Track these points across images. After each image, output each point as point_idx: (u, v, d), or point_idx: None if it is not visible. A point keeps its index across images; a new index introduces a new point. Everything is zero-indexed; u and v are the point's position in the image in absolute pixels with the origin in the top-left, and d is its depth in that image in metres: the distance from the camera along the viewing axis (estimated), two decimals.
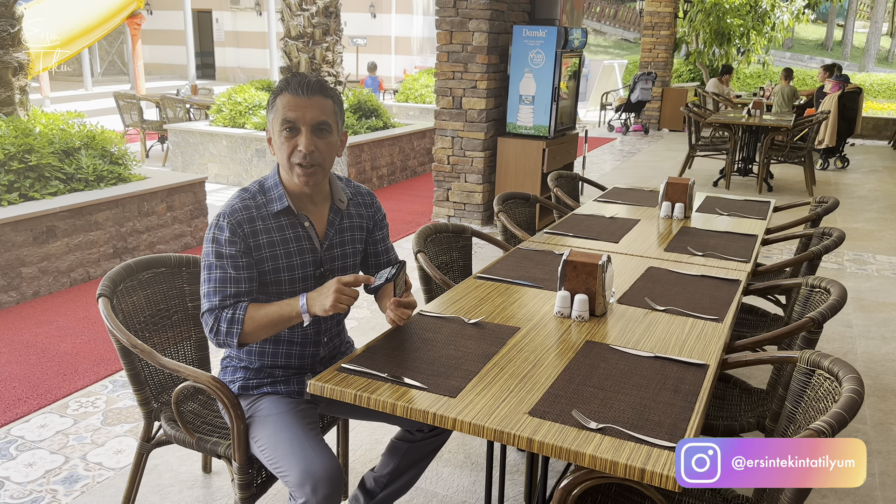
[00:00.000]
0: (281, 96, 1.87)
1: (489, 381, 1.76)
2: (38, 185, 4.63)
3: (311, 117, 1.85)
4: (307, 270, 1.95)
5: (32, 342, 3.79)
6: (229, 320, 1.84)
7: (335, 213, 2.02)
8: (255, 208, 1.91)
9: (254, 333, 1.86)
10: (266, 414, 1.94)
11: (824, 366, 1.74)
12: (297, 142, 1.85)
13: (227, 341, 1.86)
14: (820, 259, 2.94)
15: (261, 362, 2.01)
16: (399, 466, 2.17)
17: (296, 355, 2.02)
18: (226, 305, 1.86)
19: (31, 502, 2.52)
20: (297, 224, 1.95)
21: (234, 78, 22.91)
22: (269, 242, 1.90)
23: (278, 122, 1.86)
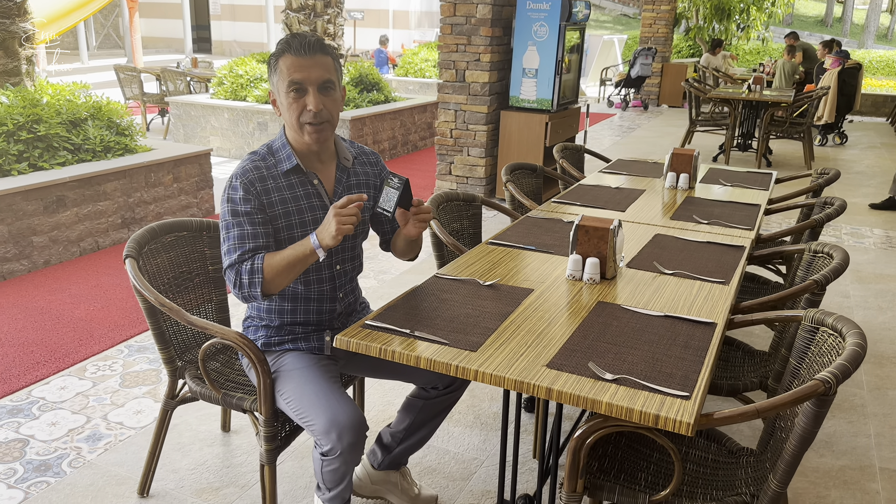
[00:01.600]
0: (283, 58, 1.91)
1: (507, 337, 1.84)
2: (47, 156, 4.67)
3: (316, 76, 1.90)
4: (318, 225, 1.99)
5: (47, 309, 3.86)
6: (250, 271, 1.90)
7: (342, 171, 2.09)
8: (266, 168, 1.97)
9: (275, 280, 1.90)
10: (290, 368, 2.02)
11: (828, 323, 1.82)
12: (306, 101, 1.91)
13: (251, 293, 1.91)
14: (822, 227, 3.02)
15: (280, 320, 2.08)
16: (414, 422, 2.25)
17: (314, 311, 2.09)
18: (244, 260, 1.92)
19: (57, 458, 2.60)
20: (307, 182, 2.02)
21: (231, 51, 22.77)
22: (280, 200, 1.97)
23: (284, 84, 1.91)
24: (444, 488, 2.51)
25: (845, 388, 3.29)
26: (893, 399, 3.21)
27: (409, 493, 2.36)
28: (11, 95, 4.76)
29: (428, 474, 2.59)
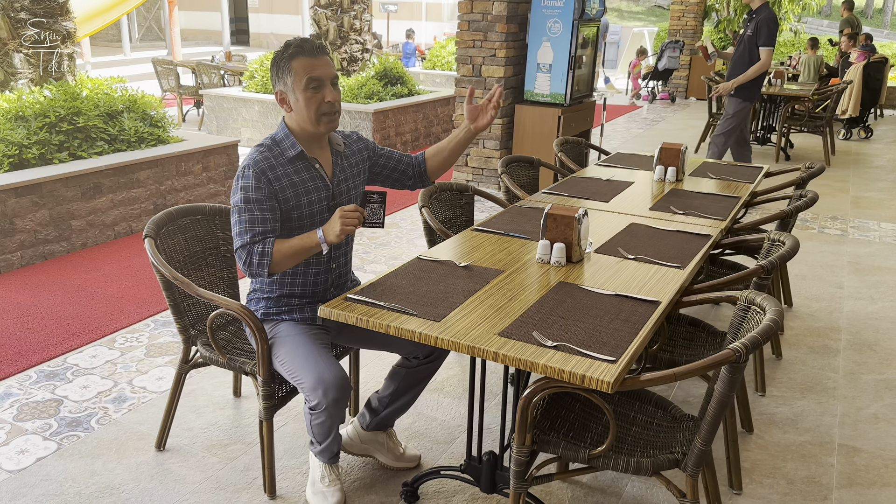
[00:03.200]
0: (297, 59, 2.19)
1: (470, 310, 2.09)
2: (86, 146, 5.04)
3: (328, 73, 2.23)
4: (322, 204, 2.31)
5: (82, 286, 4.22)
6: (260, 253, 2.17)
7: (336, 156, 2.39)
8: (273, 158, 2.25)
9: (281, 263, 2.19)
10: (285, 335, 2.30)
11: (757, 302, 2.03)
12: (324, 94, 2.21)
13: (258, 271, 2.19)
14: (792, 218, 3.19)
15: (280, 291, 2.36)
16: (398, 389, 2.52)
17: (309, 283, 2.37)
18: (255, 241, 2.18)
19: (87, 416, 2.93)
20: (310, 166, 2.30)
21: (268, 44, 23.24)
22: (290, 184, 2.25)
23: (302, 82, 2.19)
24: (429, 450, 2.78)
25: (820, 371, 3.47)
26: (865, 383, 3.38)
27: (394, 451, 2.63)
28: (54, 90, 5.13)
29: (416, 437, 2.85)
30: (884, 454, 2.84)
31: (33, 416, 2.93)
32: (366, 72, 8.30)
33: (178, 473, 2.60)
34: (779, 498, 2.56)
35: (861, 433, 2.98)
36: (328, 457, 2.39)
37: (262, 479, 2.55)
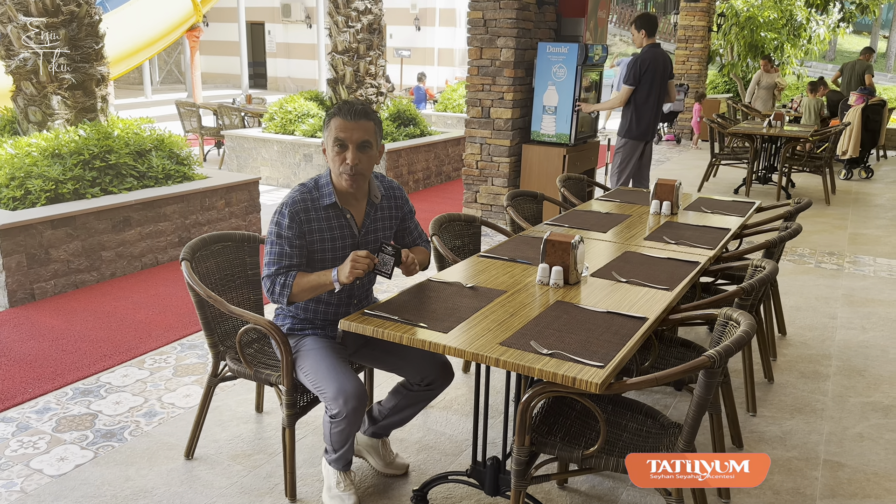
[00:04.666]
0: (334, 119, 2.45)
1: (474, 324, 2.32)
2: (116, 181, 5.35)
3: (356, 137, 2.43)
4: (347, 251, 2.54)
5: (112, 313, 4.48)
6: (282, 285, 2.46)
7: (371, 207, 2.61)
8: (311, 201, 2.50)
9: (299, 295, 2.48)
10: (309, 348, 2.54)
11: (734, 317, 2.26)
12: (346, 156, 2.43)
13: (279, 300, 2.49)
14: (778, 248, 3.41)
15: (304, 316, 2.64)
16: (398, 405, 2.74)
17: (332, 313, 2.64)
18: (280, 273, 2.47)
19: (120, 428, 3.16)
20: (341, 216, 2.54)
21: (285, 88, 23.90)
22: (318, 229, 2.51)
23: (331, 139, 2.45)
24: (438, 461, 2.98)
25: (810, 394, 3.65)
26: (852, 405, 3.56)
27: (385, 458, 2.86)
28: (88, 129, 5.47)
29: (426, 450, 3.06)
30: (866, 469, 3.01)
31: (71, 427, 3.16)
32: (380, 113, 8.66)
33: (205, 479, 2.81)
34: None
35: (846, 450, 3.15)
36: (342, 464, 2.61)
37: (283, 484, 2.75)
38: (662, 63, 6.15)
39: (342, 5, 8.50)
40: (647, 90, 6.08)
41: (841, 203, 8.51)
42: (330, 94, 9.05)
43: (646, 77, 6.04)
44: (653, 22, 6.28)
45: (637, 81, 6.02)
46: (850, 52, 31.14)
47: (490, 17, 6.48)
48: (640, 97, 6.09)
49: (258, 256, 3.11)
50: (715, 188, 9.08)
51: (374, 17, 8.65)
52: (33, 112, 5.80)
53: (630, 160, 6.32)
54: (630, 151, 6.29)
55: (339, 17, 8.55)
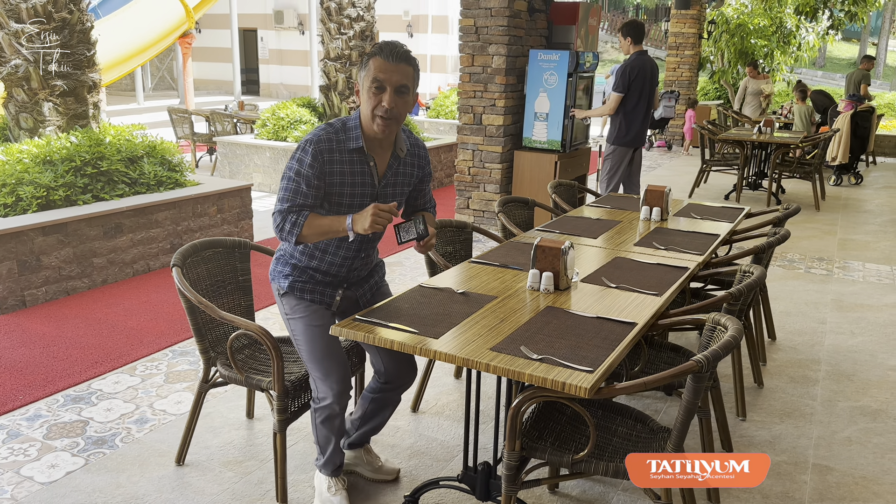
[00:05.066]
0: (374, 59, 2.33)
1: (465, 329, 2.33)
2: (108, 188, 5.35)
3: (396, 80, 2.32)
4: (364, 200, 2.45)
5: (104, 319, 4.47)
6: (293, 223, 2.36)
7: (395, 159, 2.51)
8: (336, 142, 2.38)
9: (308, 236, 2.39)
10: (307, 324, 2.51)
11: (721, 322, 2.28)
12: (382, 98, 2.32)
13: (287, 238, 2.39)
14: (766, 254, 3.44)
15: (307, 262, 2.53)
16: (366, 414, 2.77)
17: (336, 263, 2.54)
18: (293, 211, 2.37)
19: (112, 435, 3.15)
20: (365, 162, 2.43)
21: (278, 94, 23.89)
22: (339, 171, 2.40)
23: (369, 79, 2.33)
24: (430, 466, 2.98)
25: (799, 399, 3.67)
26: (841, 410, 3.59)
27: (373, 464, 2.87)
28: (79, 136, 5.47)
29: (416, 455, 3.06)
30: (854, 473, 3.04)
31: (62, 434, 3.15)
32: None
33: (197, 486, 2.81)
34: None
35: (834, 454, 3.18)
36: (331, 469, 2.63)
37: (274, 490, 2.75)
38: (650, 70, 6.18)
39: (334, 12, 8.53)
40: (637, 97, 6.10)
41: (830, 209, 8.57)
42: (322, 101, 9.06)
43: (635, 84, 6.07)
44: (639, 29, 6.31)
45: (626, 89, 6.04)
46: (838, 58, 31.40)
47: (482, 24, 6.52)
48: (630, 104, 6.12)
49: (249, 262, 3.12)
50: (706, 194, 9.13)
51: (367, 24, 8.68)
52: (24, 119, 5.79)
53: (619, 167, 6.34)
54: (619, 158, 6.31)
55: (331, 24, 8.57)
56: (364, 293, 2.68)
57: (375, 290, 2.74)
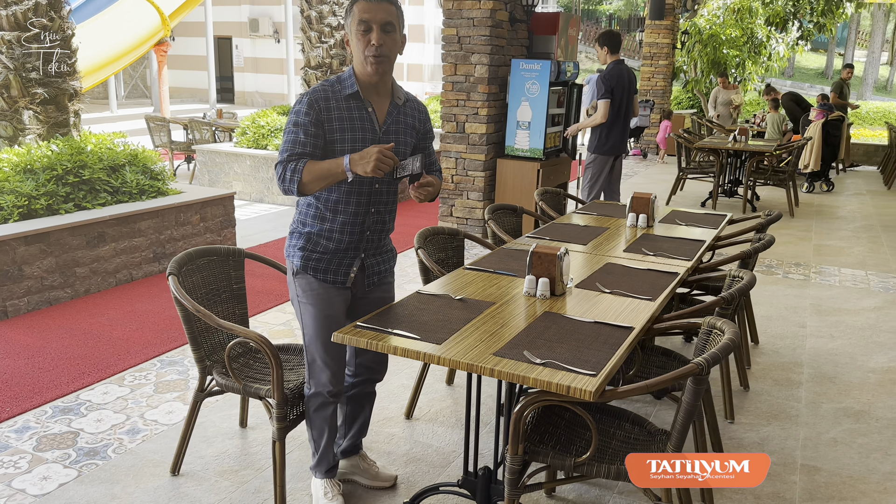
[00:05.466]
0: (357, 4, 2.35)
1: (466, 335, 2.35)
2: (90, 197, 5.29)
3: (380, 18, 2.34)
4: (367, 144, 2.41)
5: (89, 330, 4.41)
6: (293, 171, 2.35)
7: (394, 107, 2.52)
8: (332, 91, 2.42)
9: (309, 184, 2.35)
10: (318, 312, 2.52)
11: (717, 325, 2.33)
12: (371, 37, 2.34)
13: (289, 187, 2.36)
14: (752, 258, 3.52)
15: (320, 226, 2.51)
16: (347, 415, 2.83)
17: (348, 224, 2.50)
18: (291, 160, 2.37)
19: (103, 446, 3.12)
20: (363, 107, 2.44)
21: (253, 102, 23.77)
22: (338, 118, 2.40)
23: (355, 23, 2.35)
24: (426, 473, 3.00)
25: (784, 401, 3.75)
26: (825, 411, 3.67)
27: (369, 471, 2.89)
28: (60, 144, 5.40)
29: (413, 462, 3.07)
30: (841, 472, 3.11)
31: (52, 446, 3.11)
32: None
33: (193, 496, 2.79)
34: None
35: (821, 455, 3.25)
36: (325, 468, 2.68)
37: (272, 499, 2.74)
38: (628, 78, 6.28)
39: (315, 21, 8.53)
40: (616, 106, 6.19)
41: (804, 215, 8.74)
42: None
43: (616, 92, 6.16)
44: (616, 39, 6.42)
45: (611, 94, 6.13)
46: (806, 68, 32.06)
47: (464, 34, 6.57)
48: (614, 112, 6.21)
49: (242, 271, 3.12)
50: (683, 201, 9.27)
51: None
52: (4, 127, 5.71)
53: (600, 175, 6.42)
54: (600, 166, 6.40)
55: (311, 32, 8.57)
56: (376, 264, 2.66)
57: (385, 270, 2.72)
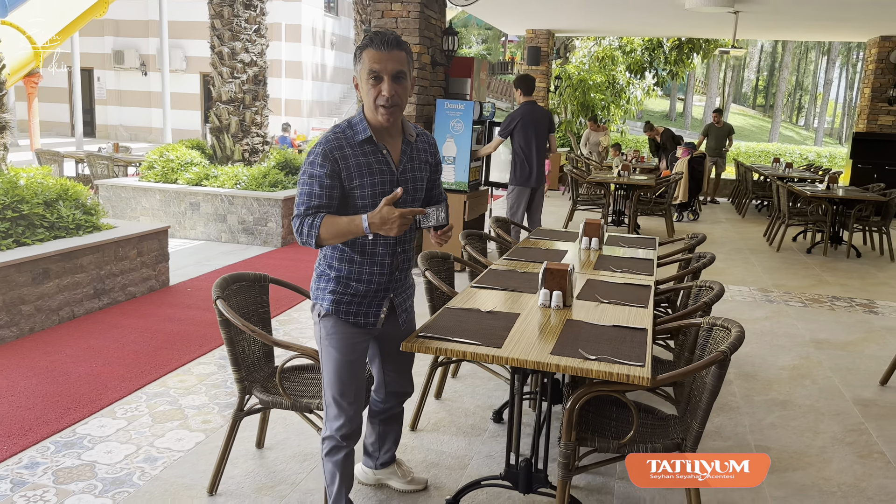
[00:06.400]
0: (366, 51, 2.36)
1: (516, 340, 2.68)
2: (28, 233, 5.10)
3: (391, 68, 2.34)
4: (385, 187, 2.45)
5: (51, 368, 4.28)
6: (310, 225, 2.37)
7: (406, 145, 2.55)
8: (345, 139, 2.42)
9: (327, 239, 2.38)
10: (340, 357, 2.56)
11: (719, 323, 2.81)
12: (381, 88, 2.35)
13: (307, 241, 2.39)
14: (700, 272, 4.11)
15: (349, 269, 2.53)
16: (380, 433, 3.00)
17: (377, 271, 2.55)
18: (308, 214, 2.39)
19: (126, 475, 3.13)
20: (377, 151, 2.46)
21: (117, 135, 22.73)
22: (355, 164, 2.41)
23: (365, 72, 2.36)
24: (448, 476, 3.26)
25: (724, 396, 4.34)
26: (758, 402, 4.29)
27: (405, 476, 3.09)
28: None
29: (432, 467, 3.33)
30: (787, 450, 3.70)
31: (72, 479, 3.08)
32: (267, 162, 8.76)
33: None
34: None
35: (767, 437, 3.84)
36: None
37: None
38: (539, 117, 6.93)
39: (227, 57, 8.58)
40: (527, 141, 6.80)
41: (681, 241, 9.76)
42: (213, 143, 9.00)
43: (517, 129, 6.79)
44: (528, 82, 7.09)
45: (506, 134, 6.81)
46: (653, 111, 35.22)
47: None
48: (525, 148, 6.82)
49: (267, 295, 3.27)
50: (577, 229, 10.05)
51: (260, 69, 8.80)
52: None
53: (520, 205, 6.99)
54: (519, 197, 6.97)
55: (223, 68, 8.60)
56: (403, 301, 2.71)
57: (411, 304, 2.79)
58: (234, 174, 8.31)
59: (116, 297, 5.61)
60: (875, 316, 6.34)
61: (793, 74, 47.43)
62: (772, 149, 24.08)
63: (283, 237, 8.12)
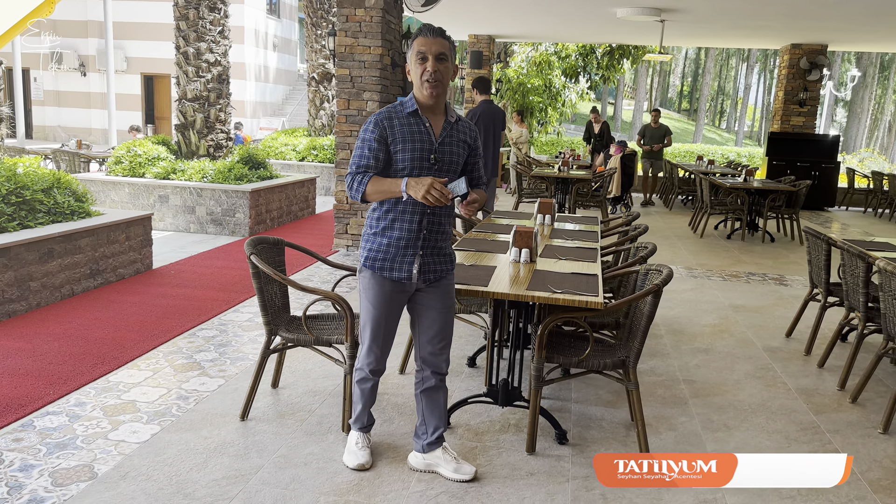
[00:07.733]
0: (416, 39, 2.86)
1: (497, 282, 3.38)
2: (30, 217, 5.53)
3: (435, 50, 2.83)
4: (425, 153, 2.87)
5: (68, 334, 4.76)
6: (359, 182, 2.85)
7: (447, 124, 2.96)
8: (395, 112, 2.91)
9: (371, 195, 2.84)
10: (374, 301, 2.99)
11: (654, 268, 3.58)
12: (427, 65, 2.83)
13: (354, 195, 2.86)
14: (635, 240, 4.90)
15: (381, 226, 2.95)
16: (425, 412, 3.16)
17: (406, 228, 2.92)
18: (359, 173, 2.87)
19: (166, 408, 3.69)
20: (421, 123, 2.90)
21: (55, 136, 22.46)
22: (400, 132, 2.87)
23: (414, 53, 2.85)
24: None
25: (656, 346, 5.15)
26: (685, 350, 5.12)
27: (452, 464, 3.15)
28: None
29: None
30: (709, 381, 4.52)
31: (119, 412, 3.62)
32: (231, 157, 9.24)
33: (270, 431, 3.50)
34: (658, 405, 4.09)
35: (692, 374, 4.65)
36: (360, 426, 3.24)
37: (336, 426, 3.53)
38: (493, 115, 7.67)
39: (193, 57, 9.03)
40: (485, 136, 7.53)
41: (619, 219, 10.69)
42: (178, 139, 9.41)
43: (478, 124, 7.50)
44: (484, 82, 7.84)
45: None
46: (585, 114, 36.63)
47: (356, 74, 7.57)
48: (483, 141, 7.53)
49: (283, 256, 3.88)
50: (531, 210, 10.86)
51: (223, 68, 9.28)
52: None
53: None
54: None
55: (189, 67, 9.04)
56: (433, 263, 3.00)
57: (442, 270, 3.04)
58: (200, 168, 8.76)
59: (108, 278, 6.06)
60: (784, 287, 7.33)
61: (715, 80, 50.01)
62: (696, 149, 25.61)
63: (250, 227, 8.62)
